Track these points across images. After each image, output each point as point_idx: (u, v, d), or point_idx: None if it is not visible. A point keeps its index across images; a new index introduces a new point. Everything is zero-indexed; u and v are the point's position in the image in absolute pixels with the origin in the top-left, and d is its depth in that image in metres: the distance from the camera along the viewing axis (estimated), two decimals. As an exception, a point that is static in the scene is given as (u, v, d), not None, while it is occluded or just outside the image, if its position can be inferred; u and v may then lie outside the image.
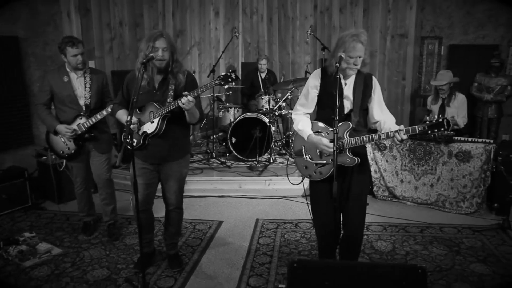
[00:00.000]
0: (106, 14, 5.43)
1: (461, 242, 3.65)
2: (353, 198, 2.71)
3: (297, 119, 2.77)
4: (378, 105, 2.67)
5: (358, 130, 2.67)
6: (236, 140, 5.48)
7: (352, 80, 2.66)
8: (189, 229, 3.94)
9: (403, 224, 4.03)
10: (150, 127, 2.88)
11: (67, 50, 3.33)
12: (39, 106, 3.51)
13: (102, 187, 3.70)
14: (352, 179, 2.70)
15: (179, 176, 3.07)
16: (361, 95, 2.64)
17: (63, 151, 3.57)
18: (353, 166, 2.64)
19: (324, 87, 2.70)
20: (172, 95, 2.86)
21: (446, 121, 2.30)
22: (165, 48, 2.79)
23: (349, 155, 2.61)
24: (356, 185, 2.71)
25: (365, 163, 2.77)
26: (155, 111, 2.85)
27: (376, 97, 2.67)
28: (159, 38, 2.77)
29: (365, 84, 2.65)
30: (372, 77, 2.68)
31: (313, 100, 2.76)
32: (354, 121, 2.62)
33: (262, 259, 3.40)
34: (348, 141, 2.58)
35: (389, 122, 2.60)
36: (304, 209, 4.42)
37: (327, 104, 2.70)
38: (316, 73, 2.74)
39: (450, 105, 4.99)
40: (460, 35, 6.04)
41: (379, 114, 2.66)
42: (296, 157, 2.89)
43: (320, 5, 6.90)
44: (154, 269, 3.25)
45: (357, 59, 2.54)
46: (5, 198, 4.28)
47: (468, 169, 4.26)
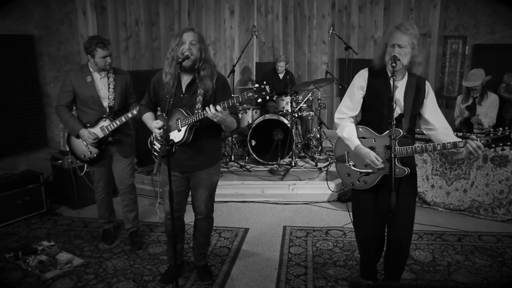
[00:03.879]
0: (122, 13, 5.25)
1: (504, 252, 3.45)
2: (401, 210, 2.49)
3: (342, 125, 2.56)
4: (434, 111, 2.46)
5: (407, 137, 2.47)
6: (255, 142, 5.29)
7: (404, 82, 2.45)
8: (215, 237, 3.75)
9: (438, 232, 3.84)
10: (177, 136, 2.66)
11: (97, 51, 3.14)
12: (61, 108, 3.32)
13: (125, 192, 3.52)
14: (399, 190, 2.48)
15: (209, 184, 2.87)
16: (412, 99, 2.43)
17: (85, 155, 3.38)
18: (401, 178, 2.45)
19: (371, 88, 2.50)
20: (201, 100, 2.63)
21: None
22: (193, 42, 2.56)
23: (398, 165, 2.39)
24: (404, 197, 2.50)
25: (413, 178, 2.57)
26: (182, 119, 2.63)
27: (429, 102, 2.46)
28: (188, 31, 2.58)
29: (417, 88, 2.43)
30: (425, 81, 2.47)
31: (358, 102, 2.56)
32: (404, 127, 2.42)
33: (296, 271, 3.20)
34: (399, 150, 2.37)
35: (451, 136, 2.38)
36: (332, 216, 4.24)
37: (374, 107, 2.51)
38: (362, 73, 2.54)
39: (482, 103, 4.79)
40: (486, 34, 5.83)
41: (436, 121, 2.44)
42: (337, 163, 2.70)
43: (338, 3, 6.72)
44: (183, 282, 3.06)
45: (396, 48, 2.29)
46: (20, 203, 4.09)
47: (504, 174, 4.06)
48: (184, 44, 2.55)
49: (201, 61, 2.62)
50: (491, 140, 2.15)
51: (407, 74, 2.45)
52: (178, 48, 2.57)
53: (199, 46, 2.60)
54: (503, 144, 2.12)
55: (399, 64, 2.30)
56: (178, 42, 2.57)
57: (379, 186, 2.51)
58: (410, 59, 2.35)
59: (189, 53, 2.55)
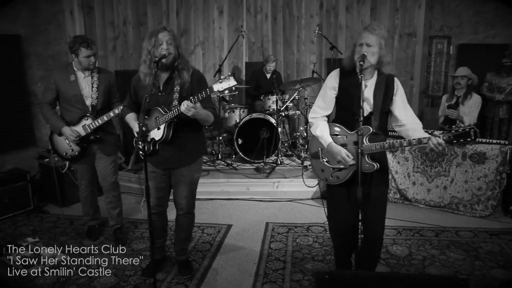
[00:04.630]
0: (109, 13, 5.30)
1: (479, 247, 3.54)
2: (373, 204, 2.58)
3: (315, 124, 2.64)
4: (403, 108, 2.53)
5: (378, 134, 2.54)
6: (242, 141, 5.36)
7: (373, 81, 2.52)
8: (197, 234, 3.82)
9: (417, 228, 3.92)
10: (157, 134, 2.72)
11: (81, 51, 3.20)
12: (44, 105, 3.38)
13: (108, 190, 3.58)
14: (371, 185, 2.57)
15: (190, 181, 2.93)
16: (381, 97, 2.50)
17: (67, 152, 3.44)
18: (372, 173, 2.53)
19: (343, 88, 2.57)
20: (178, 97, 2.68)
21: (473, 132, 2.17)
22: (169, 41, 2.61)
23: (367, 161, 2.48)
24: (375, 191, 2.58)
25: (384, 171, 2.64)
26: (160, 117, 2.68)
27: (399, 99, 2.53)
28: (162, 31, 2.62)
29: (386, 85, 2.51)
30: (394, 78, 2.54)
31: (331, 101, 2.63)
32: (374, 125, 2.49)
33: (275, 265, 3.28)
34: (368, 146, 2.45)
35: (419, 131, 2.45)
36: (315, 212, 4.32)
37: (346, 106, 2.58)
38: (334, 74, 2.61)
39: (465, 103, 4.88)
40: (470, 35, 5.93)
41: (405, 117, 2.52)
42: (312, 159, 2.78)
43: (326, 3, 6.80)
44: (163, 276, 3.13)
45: (363, 47, 2.37)
46: (6, 201, 4.14)
47: (483, 171, 4.15)
48: (161, 45, 2.60)
49: (179, 58, 2.68)
50: (453, 137, 2.23)
51: (377, 73, 2.53)
52: (155, 49, 2.61)
53: (175, 44, 2.65)
54: (463, 140, 2.20)
55: (367, 62, 2.37)
56: (154, 43, 2.60)
57: (351, 181, 2.58)
58: (378, 59, 2.43)
59: (167, 52, 2.60)
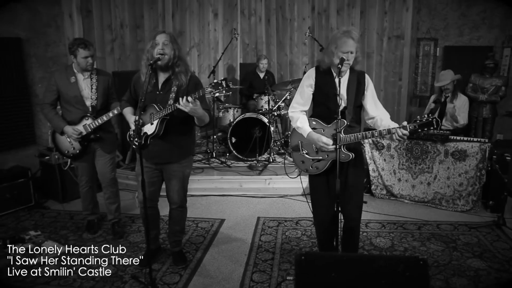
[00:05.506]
0: (107, 16, 5.49)
1: (457, 239, 3.75)
2: (349, 191, 2.82)
3: (295, 117, 2.87)
4: (373, 102, 2.78)
5: (353, 126, 2.79)
6: (236, 140, 5.55)
7: (346, 78, 2.76)
8: (191, 227, 4.01)
9: (401, 222, 4.13)
10: (149, 129, 2.91)
11: (79, 52, 3.38)
12: (45, 106, 3.56)
13: (107, 186, 3.76)
14: (348, 173, 2.81)
15: (181, 176, 3.12)
16: (354, 92, 2.75)
17: (68, 150, 3.62)
18: (349, 161, 2.75)
19: (319, 86, 2.81)
20: (173, 97, 2.87)
21: (435, 121, 2.40)
22: (166, 42, 2.81)
23: (344, 151, 2.73)
24: (352, 179, 2.83)
25: (359, 158, 2.89)
26: (154, 113, 2.88)
27: (369, 94, 2.78)
28: (160, 33, 2.84)
29: (358, 81, 2.75)
30: (364, 74, 2.80)
31: (308, 98, 2.86)
32: (348, 118, 2.73)
33: (264, 256, 3.48)
34: (343, 137, 2.68)
35: (385, 120, 2.70)
36: (304, 208, 4.51)
37: (321, 102, 2.82)
38: (310, 72, 2.85)
39: (453, 102, 5.08)
40: (455, 37, 6.15)
41: (374, 110, 2.77)
42: (293, 152, 3.01)
43: (317, 6, 7.00)
44: (159, 266, 3.32)
45: (348, 55, 2.62)
46: (9, 197, 4.32)
47: (464, 168, 4.37)
48: (158, 46, 2.81)
49: (175, 58, 2.87)
50: (418, 126, 2.46)
51: (349, 70, 2.77)
52: (152, 49, 2.83)
53: (172, 45, 2.85)
54: (427, 129, 2.44)
55: (347, 65, 2.61)
56: (152, 44, 2.83)
57: (330, 170, 2.83)
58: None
59: (162, 52, 2.80)
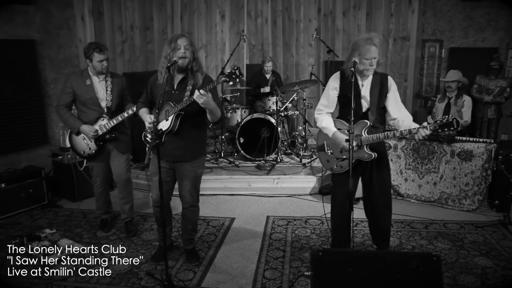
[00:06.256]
0: (118, 18, 5.58)
1: (464, 237, 3.82)
2: (377, 191, 2.96)
3: (320, 118, 3.01)
4: (395, 103, 2.89)
5: (376, 127, 2.91)
6: (244, 140, 5.63)
7: (369, 81, 2.87)
8: (203, 226, 4.10)
9: (408, 221, 4.20)
10: (164, 125, 3.04)
11: (94, 56, 3.47)
12: (61, 108, 3.65)
13: (122, 186, 3.85)
14: (372, 173, 2.95)
15: (193, 176, 3.20)
16: (377, 94, 2.86)
17: (84, 151, 3.71)
18: (372, 161, 2.85)
19: (343, 88, 2.93)
20: (188, 95, 2.98)
21: (455, 121, 2.49)
22: (187, 46, 2.93)
23: (366, 151, 2.85)
24: (378, 179, 2.96)
25: (384, 158, 3.00)
26: (170, 110, 3.00)
27: (392, 95, 2.88)
28: (181, 37, 2.95)
29: (381, 83, 2.86)
30: (387, 77, 2.90)
31: (333, 101, 2.99)
32: (371, 119, 2.86)
33: (275, 254, 3.56)
34: (365, 138, 2.80)
35: (407, 120, 2.80)
36: (313, 207, 4.60)
37: (346, 104, 2.94)
38: (335, 76, 2.97)
39: (457, 104, 5.15)
40: (460, 38, 6.22)
41: (396, 111, 2.88)
42: (318, 151, 3.15)
43: (324, 8, 7.07)
44: (172, 263, 3.40)
45: (372, 60, 2.75)
46: (24, 196, 4.42)
47: (470, 168, 4.44)
48: (179, 49, 2.93)
49: (194, 61, 3.01)
50: (438, 126, 2.57)
51: (372, 73, 2.88)
52: (174, 52, 2.93)
53: (192, 49, 2.99)
54: (447, 129, 2.55)
55: (371, 70, 2.79)
56: (173, 47, 2.93)
57: (353, 169, 2.88)
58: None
59: (184, 55, 2.92)
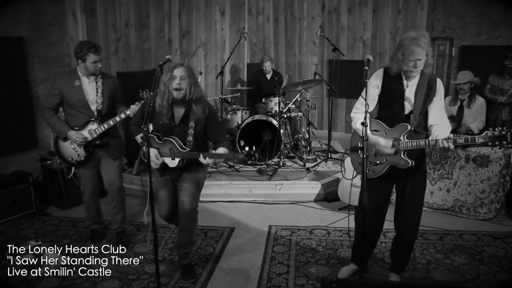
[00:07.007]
0: (111, 15, 5.30)
1: (483, 250, 3.53)
2: (408, 201, 2.73)
3: (356, 118, 2.76)
4: (436, 110, 2.62)
5: (419, 132, 2.65)
6: (244, 143, 5.33)
7: (416, 81, 2.62)
8: (200, 237, 3.81)
9: (420, 231, 3.84)
10: (171, 163, 2.93)
11: (89, 56, 3.21)
12: (46, 111, 3.37)
13: (114, 194, 3.56)
14: (407, 182, 2.71)
15: (195, 179, 3.07)
16: (423, 97, 2.59)
17: (72, 158, 3.42)
18: (409, 169, 2.59)
19: (385, 87, 2.68)
20: (192, 133, 2.89)
21: (510, 134, 2.20)
22: (183, 77, 2.80)
23: (403, 157, 2.58)
24: (411, 189, 2.72)
25: (421, 167, 2.73)
26: (176, 151, 2.87)
27: (437, 100, 2.62)
28: (178, 67, 2.83)
29: (428, 86, 2.60)
30: (436, 79, 2.63)
31: (373, 99, 2.73)
32: (414, 123, 2.60)
33: (278, 269, 3.27)
34: (404, 143, 2.54)
35: (439, 130, 2.54)
36: (317, 215, 4.31)
37: (387, 104, 2.70)
38: (378, 73, 2.73)
39: (470, 106, 4.89)
40: (472, 36, 5.92)
41: (434, 118, 2.61)
42: (351, 153, 2.92)
43: (328, 5, 6.81)
44: (167, 280, 3.12)
45: (417, 62, 2.48)
46: (10, 203, 4.14)
47: (486, 174, 4.15)
48: (174, 79, 2.79)
49: (191, 93, 2.84)
50: (489, 138, 2.29)
51: (419, 74, 2.61)
52: (170, 82, 2.81)
53: (189, 80, 2.83)
54: (499, 142, 2.25)
55: (417, 71, 2.54)
56: (169, 77, 2.80)
57: (385, 177, 2.69)
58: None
59: (179, 87, 2.79)
